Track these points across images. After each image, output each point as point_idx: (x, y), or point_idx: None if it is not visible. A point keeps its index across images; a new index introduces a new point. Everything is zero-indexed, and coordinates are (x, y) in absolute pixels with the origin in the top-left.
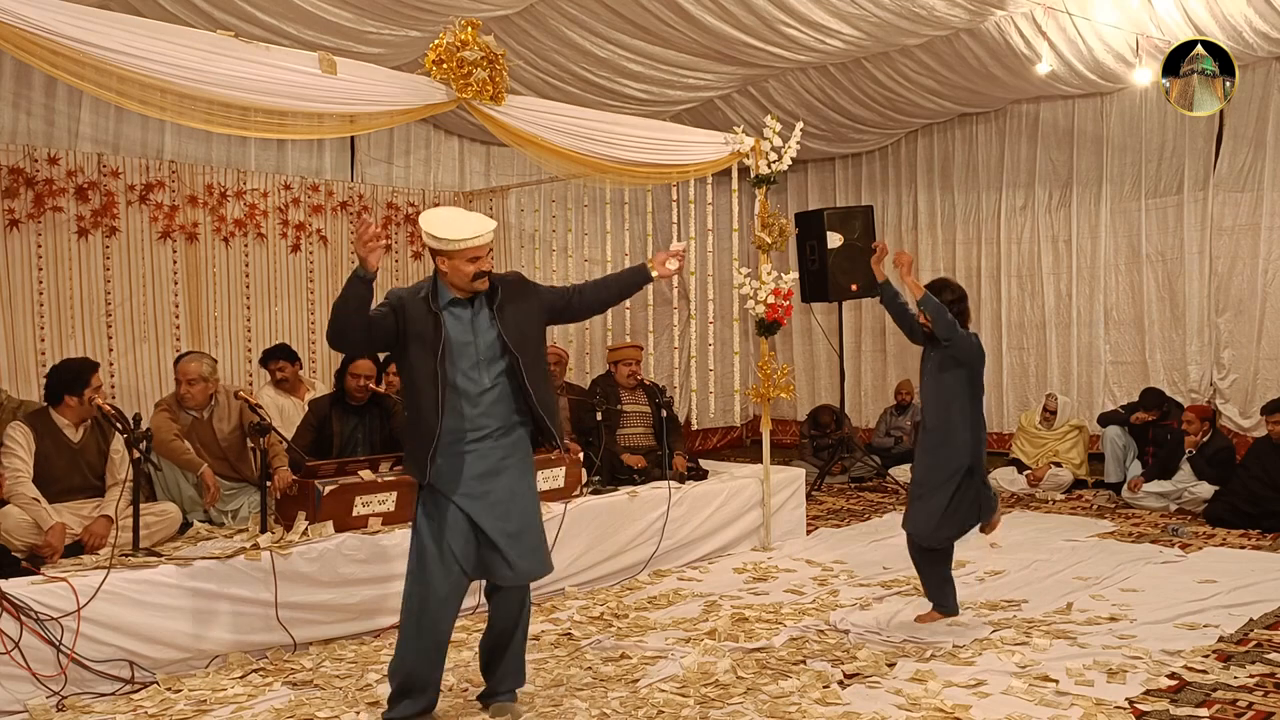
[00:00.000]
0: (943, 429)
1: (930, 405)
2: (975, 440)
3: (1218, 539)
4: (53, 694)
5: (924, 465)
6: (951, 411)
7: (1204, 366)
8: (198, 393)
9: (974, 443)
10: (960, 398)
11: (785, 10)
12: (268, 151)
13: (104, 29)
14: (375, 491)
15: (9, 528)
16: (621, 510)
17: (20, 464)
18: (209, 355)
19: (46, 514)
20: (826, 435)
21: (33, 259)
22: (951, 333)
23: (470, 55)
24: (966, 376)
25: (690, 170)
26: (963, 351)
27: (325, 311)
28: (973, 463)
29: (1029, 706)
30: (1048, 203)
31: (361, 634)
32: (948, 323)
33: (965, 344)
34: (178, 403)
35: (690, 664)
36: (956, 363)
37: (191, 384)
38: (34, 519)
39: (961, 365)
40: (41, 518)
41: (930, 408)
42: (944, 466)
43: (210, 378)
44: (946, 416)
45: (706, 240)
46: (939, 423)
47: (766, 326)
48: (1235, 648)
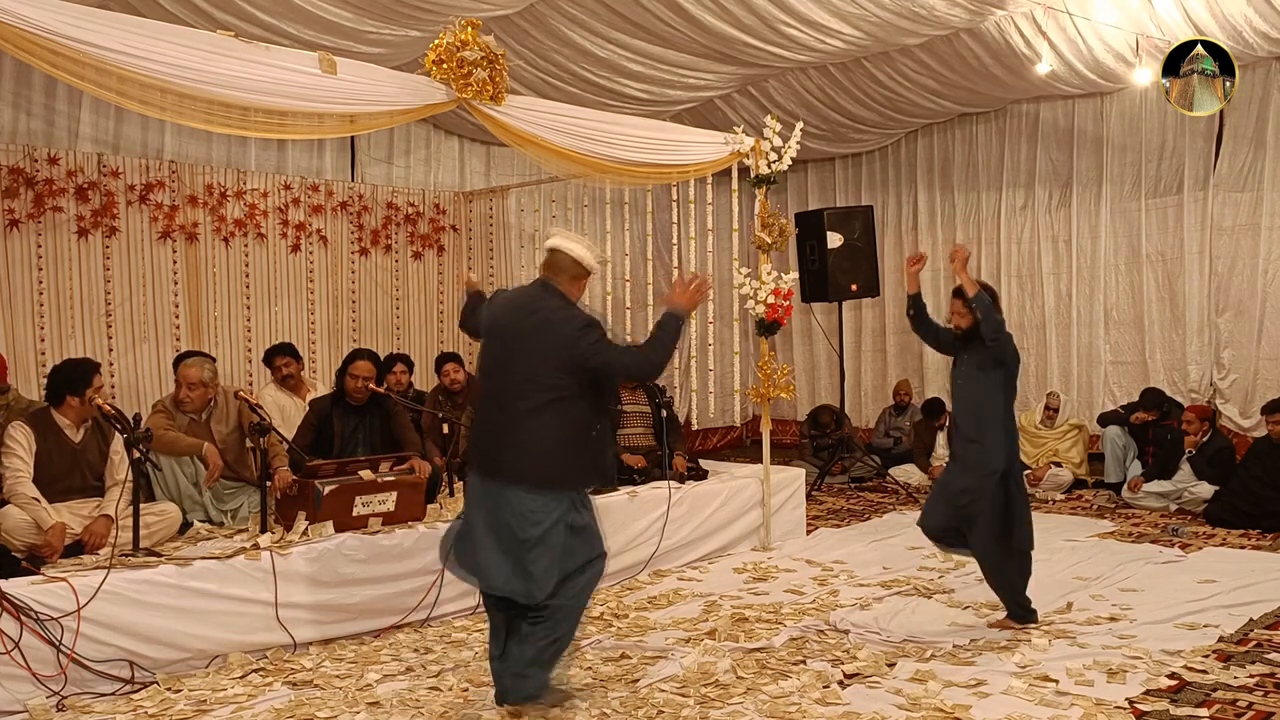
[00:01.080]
0: (978, 434)
1: (966, 411)
2: (1010, 443)
3: (1218, 539)
4: (53, 694)
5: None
6: (985, 413)
7: (1204, 366)
8: (197, 398)
9: (1008, 444)
10: (996, 399)
11: (785, 10)
12: (268, 151)
13: (104, 29)
14: (375, 491)
15: (9, 528)
16: (621, 510)
17: (20, 464)
18: (210, 358)
19: (46, 514)
20: (826, 435)
21: (33, 259)
22: (1000, 332)
23: (470, 55)
24: (1004, 378)
25: (690, 170)
26: (1006, 352)
27: (325, 311)
28: (1007, 466)
29: (1029, 706)
30: (1048, 203)
31: (361, 634)
32: (998, 322)
33: (1009, 344)
34: (175, 405)
35: (690, 664)
36: (996, 363)
37: (191, 389)
38: (34, 519)
39: (1001, 365)
40: (41, 518)
41: (966, 414)
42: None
43: (210, 383)
44: (980, 418)
45: (706, 240)
46: (975, 428)
47: (766, 326)
48: (1235, 648)
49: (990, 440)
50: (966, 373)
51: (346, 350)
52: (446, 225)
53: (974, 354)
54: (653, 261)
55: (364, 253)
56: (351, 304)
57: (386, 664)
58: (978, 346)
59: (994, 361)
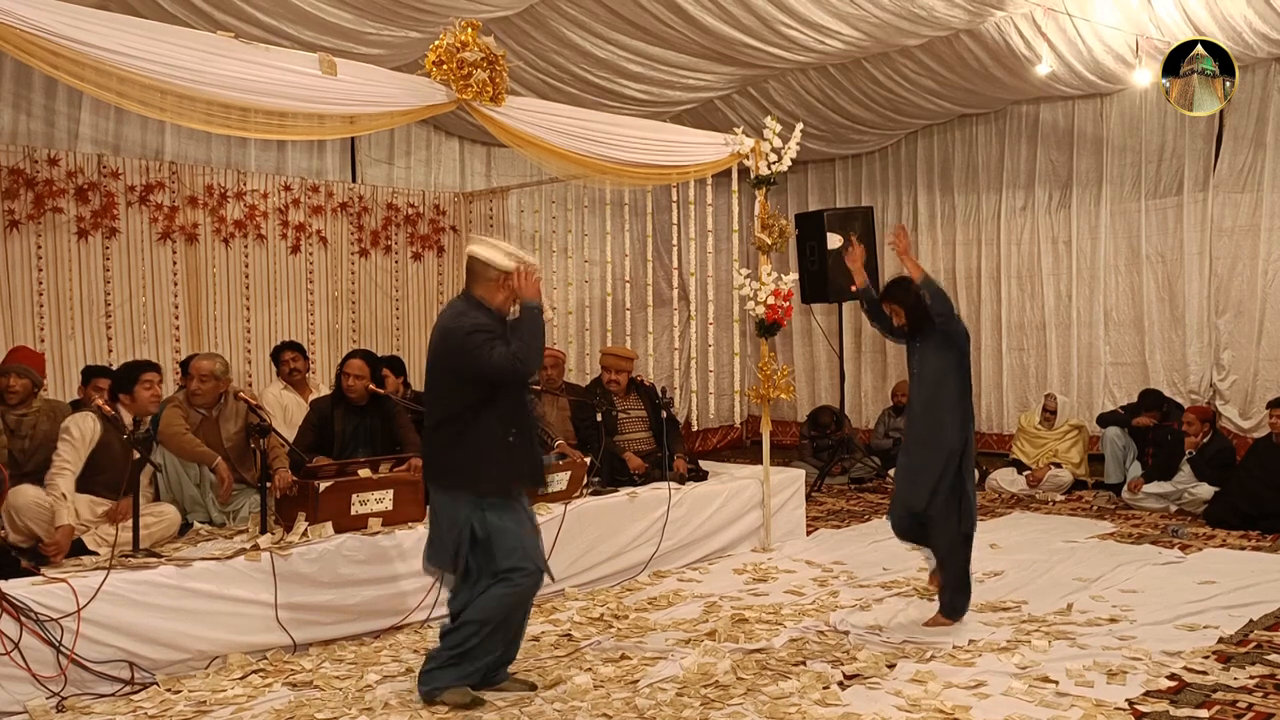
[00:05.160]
0: (933, 414)
1: (923, 394)
2: (966, 423)
3: (1218, 540)
4: (53, 695)
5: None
6: (942, 394)
7: (1204, 367)
8: (208, 390)
9: (965, 424)
10: (951, 380)
11: (785, 11)
12: (268, 152)
13: (104, 30)
14: (372, 489)
15: (19, 504)
16: (621, 511)
17: (70, 455)
18: (222, 356)
19: (64, 513)
20: (826, 436)
21: (33, 259)
22: (950, 312)
23: (470, 56)
24: (957, 358)
25: (690, 171)
26: (956, 331)
27: (325, 312)
28: (963, 446)
29: (1029, 707)
30: (1047, 204)
31: (361, 634)
32: (947, 301)
33: (958, 323)
34: (188, 399)
35: (690, 665)
36: (948, 343)
37: (203, 380)
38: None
39: (953, 345)
40: (59, 514)
41: (923, 397)
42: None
43: (222, 377)
44: (937, 399)
45: (706, 241)
46: (929, 409)
47: (766, 327)
48: (1235, 649)
49: (947, 419)
50: (921, 359)
51: (346, 351)
52: (446, 226)
53: (926, 338)
54: (653, 262)
55: (364, 254)
56: (351, 305)
57: (386, 665)
58: (929, 331)
59: (946, 342)
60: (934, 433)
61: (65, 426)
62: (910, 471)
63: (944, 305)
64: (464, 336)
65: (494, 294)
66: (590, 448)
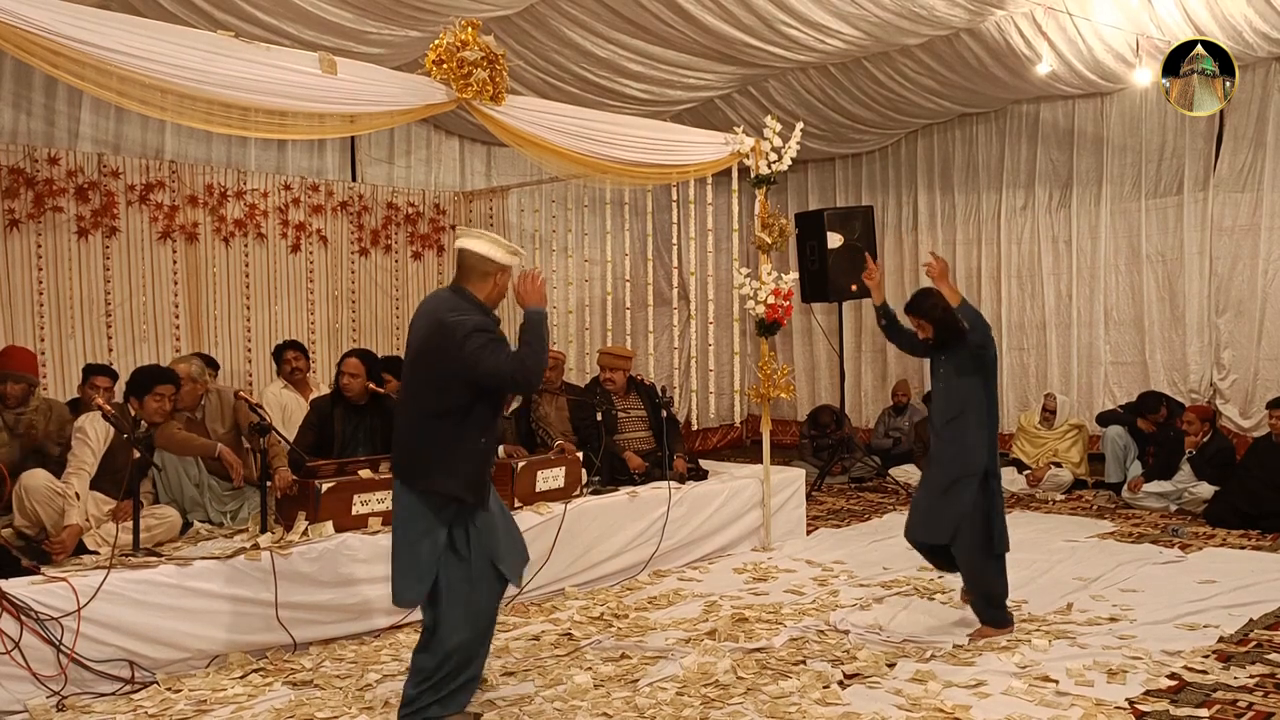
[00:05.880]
0: (959, 436)
1: (947, 413)
2: (991, 443)
3: (1218, 539)
4: (53, 694)
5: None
6: (968, 414)
7: (1204, 367)
8: (186, 394)
9: (990, 445)
10: (977, 400)
11: (785, 10)
12: (268, 152)
13: (104, 29)
14: (373, 489)
15: (31, 486)
16: (621, 510)
17: (86, 456)
18: (200, 356)
19: (75, 512)
20: (826, 435)
21: (33, 259)
22: (988, 337)
23: (470, 55)
24: (984, 379)
25: (690, 170)
26: (988, 355)
27: (325, 311)
28: (990, 466)
29: (1029, 707)
30: (1048, 203)
31: (361, 634)
32: (986, 326)
33: (992, 347)
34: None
35: (690, 664)
36: (977, 366)
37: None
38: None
39: (982, 367)
40: (69, 512)
41: (947, 416)
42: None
43: (200, 379)
44: (963, 419)
45: (706, 240)
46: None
47: (766, 327)
48: (1235, 648)
49: (972, 440)
50: (946, 375)
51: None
52: (446, 225)
53: (951, 356)
54: (653, 261)
55: (364, 253)
56: (351, 304)
57: (386, 664)
58: (955, 349)
59: (974, 364)
60: (960, 456)
61: (80, 427)
62: (931, 498)
63: (983, 334)
64: (464, 337)
65: (488, 287)
66: (590, 447)
